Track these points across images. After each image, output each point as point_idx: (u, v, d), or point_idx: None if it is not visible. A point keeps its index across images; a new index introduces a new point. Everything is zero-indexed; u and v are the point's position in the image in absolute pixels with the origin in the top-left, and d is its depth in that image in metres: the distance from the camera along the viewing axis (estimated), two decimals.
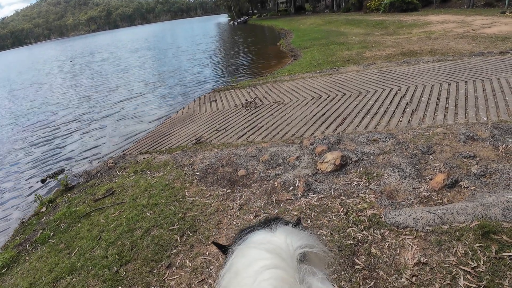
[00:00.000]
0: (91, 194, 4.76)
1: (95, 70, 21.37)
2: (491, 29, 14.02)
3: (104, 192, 4.71)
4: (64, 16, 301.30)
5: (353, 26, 22.74)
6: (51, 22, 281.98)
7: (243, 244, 0.91)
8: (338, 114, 5.71)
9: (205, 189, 4.02)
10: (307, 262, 0.82)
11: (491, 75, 6.69)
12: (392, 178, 3.55)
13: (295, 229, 0.95)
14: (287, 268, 0.77)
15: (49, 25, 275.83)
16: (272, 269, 0.76)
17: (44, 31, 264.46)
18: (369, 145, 4.29)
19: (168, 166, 4.92)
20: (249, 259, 0.83)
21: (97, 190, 4.89)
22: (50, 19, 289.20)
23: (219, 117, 6.79)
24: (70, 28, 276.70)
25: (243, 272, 0.81)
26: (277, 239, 0.86)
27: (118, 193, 4.56)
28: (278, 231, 0.91)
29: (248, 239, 0.92)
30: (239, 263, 0.85)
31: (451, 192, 3.20)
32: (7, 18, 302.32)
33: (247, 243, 0.90)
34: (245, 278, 0.79)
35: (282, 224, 0.95)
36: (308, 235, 0.90)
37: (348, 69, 9.21)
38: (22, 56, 68.33)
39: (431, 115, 5.15)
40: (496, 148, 3.81)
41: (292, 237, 0.86)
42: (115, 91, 13.72)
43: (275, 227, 0.93)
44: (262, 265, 0.77)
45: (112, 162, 5.83)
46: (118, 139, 7.73)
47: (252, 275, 0.77)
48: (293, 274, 0.76)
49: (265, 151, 4.57)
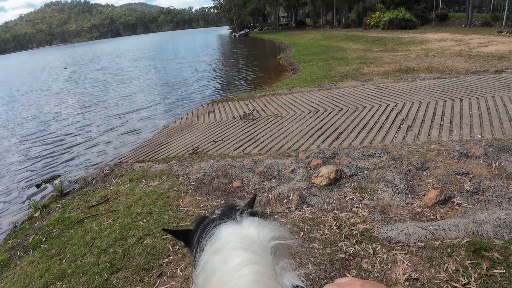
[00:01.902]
0: (86, 201, 4.75)
1: (93, 79, 21.45)
2: (488, 48, 14.27)
3: (99, 199, 4.70)
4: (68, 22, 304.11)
5: (352, 42, 23.05)
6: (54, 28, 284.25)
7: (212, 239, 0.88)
8: (334, 129, 5.76)
9: (200, 200, 4.03)
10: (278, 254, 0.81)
11: (486, 93, 6.80)
12: (385, 193, 3.57)
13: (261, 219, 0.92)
14: (264, 262, 0.76)
15: (52, 31, 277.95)
16: (249, 265, 0.75)
17: (46, 37, 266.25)
18: (364, 160, 4.32)
19: (164, 175, 4.93)
20: (224, 256, 0.81)
21: (91, 197, 4.88)
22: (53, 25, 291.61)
23: (217, 128, 6.82)
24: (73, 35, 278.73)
25: (220, 270, 0.79)
26: (247, 233, 0.84)
27: (113, 201, 4.55)
28: (245, 222, 0.89)
29: (215, 234, 0.88)
30: (213, 260, 0.83)
31: (443, 208, 3.23)
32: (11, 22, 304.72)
33: (217, 238, 0.87)
34: (223, 276, 0.77)
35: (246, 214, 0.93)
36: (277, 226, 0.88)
37: (346, 84, 9.31)
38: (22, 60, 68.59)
39: (426, 132, 5.20)
40: (489, 165, 3.86)
41: (262, 229, 0.85)
42: (113, 99, 13.78)
43: (240, 218, 0.91)
44: (239, 262, 0.76)
45: (108, 170, 5.83)
46: (115, 147, 7.73)
47: (230, 272, 0.76)
48: (269, 269, 0.76)
49: (261, 163, 4.59)
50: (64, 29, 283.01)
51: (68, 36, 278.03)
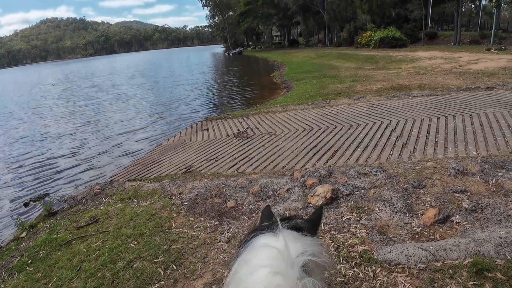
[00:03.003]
0: (74, 221, 4.59)
1: (85, 96, 21.35)
2: (478, 65, 14.52)
3: (88, 219, 4.55)
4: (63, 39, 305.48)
5: (344, 60, 23.37)
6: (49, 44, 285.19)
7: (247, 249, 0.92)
8: (329, 147, 5.72)
9: (193, 220, 3.91)
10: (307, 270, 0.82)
11: (478, 110, 6.84)
12: (383, 212, 3.50)
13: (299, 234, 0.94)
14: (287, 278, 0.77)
15: (46, 47, 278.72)
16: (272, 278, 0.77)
17: (41, 53, 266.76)
18: (360, 179, 4.26)
19: (156, 195, 4.81)
20: (251, 267, 0.84)
21: (80, 216, 4.73)
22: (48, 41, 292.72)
23: (210, 146, 6.75)
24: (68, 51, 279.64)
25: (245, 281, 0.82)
26: (279, 247, 0.85)
27: (102, 221, 4.40)
28: (281, 235, 0.90)
29: (252, 243, 0.92)
30: (242, 271, 0.86)
31: (443, 228, 3.16)
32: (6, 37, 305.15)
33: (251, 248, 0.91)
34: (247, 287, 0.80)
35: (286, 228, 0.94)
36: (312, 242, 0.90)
37: (339, 102, 9.35)
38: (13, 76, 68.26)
39: (421, 149, 5.18)
40: (486, 182, 3.82)
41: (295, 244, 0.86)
42: (105, 116, 13.67)
43: (279, 230, 0.92)
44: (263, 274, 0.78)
45: (98, 188, 5.69)
46: (107, 165, 7.60)
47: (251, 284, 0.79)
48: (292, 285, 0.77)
49: (255, 183, 4.51)
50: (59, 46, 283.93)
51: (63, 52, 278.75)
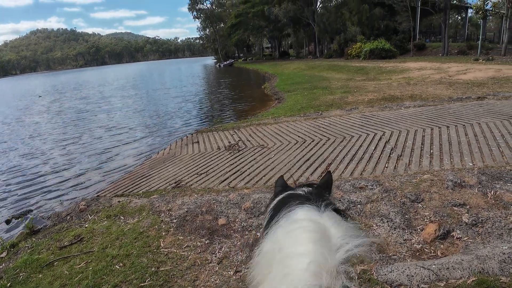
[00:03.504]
0: (57, 240, 4.36)
1: (74, 108, 21.05)
2: (467, 75, 14.68)
3: (72, 238, 4.32)
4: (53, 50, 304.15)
5: (335, 72, 23.51)
6: (38, 55, 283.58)
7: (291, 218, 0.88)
8: (323, 160, 5.59)
9: (182, 239, 3.72)
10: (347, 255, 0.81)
11: (471, 120, 6.82)
12: (381, 229, 3.36)
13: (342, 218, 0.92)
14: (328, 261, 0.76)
15: (36, 58, 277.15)
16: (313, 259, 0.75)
17: (31, 63, 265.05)
18: (356, 193, 4.13)
19: (144, 212, 4.61)
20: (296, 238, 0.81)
21: (64, 235, 4.50)
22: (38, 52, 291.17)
23: (201, 160, 6.57)
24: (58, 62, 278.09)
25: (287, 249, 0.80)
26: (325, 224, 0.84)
27: (87, 241, 4.19)
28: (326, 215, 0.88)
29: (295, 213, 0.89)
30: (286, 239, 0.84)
31: (444, 244, 3.05)
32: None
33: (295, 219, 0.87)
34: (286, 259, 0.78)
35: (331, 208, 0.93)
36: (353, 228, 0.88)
37: (331, 114, 9.28)
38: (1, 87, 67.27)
39: (417, 161, 5.09)
40: (485, 195, 3.73)
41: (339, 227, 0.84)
42: (94, 129, 13.40)
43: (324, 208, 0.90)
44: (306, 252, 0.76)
45: (84, 205, 5.46)
46: (94, 179, 7.36)
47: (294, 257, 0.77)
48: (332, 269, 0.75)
49: (248, 198, 4.34)
50: (49, 57, 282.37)
51: (53, 63, 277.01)
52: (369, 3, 36.37)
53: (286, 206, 0.95)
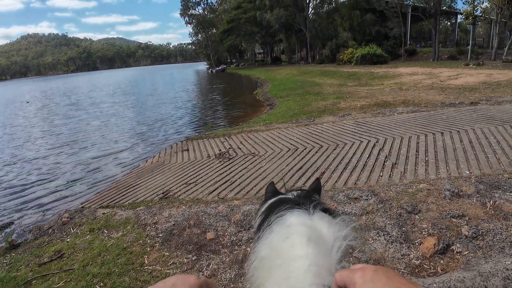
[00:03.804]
0: (37, 256, 4.12)
1: (62, 115, 20.68)
2: (458, 80, 14.72)
3: (52, 254, 4.09)
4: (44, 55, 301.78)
5: (327, 77, 23.49)
6: (29, 60, 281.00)
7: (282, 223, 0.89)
8: (315, 168, 5.42)
9: (168, 255, 3.51)
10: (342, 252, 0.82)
11: (465, 126, 6.73)
12: (377, 242, 3.19)
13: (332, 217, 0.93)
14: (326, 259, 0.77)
15: (27, 63, 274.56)
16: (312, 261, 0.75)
17: (21, 69, 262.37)
18: (350, 204, 3.96)
19: (129, 225, 4.38)
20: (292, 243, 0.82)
21: (45, 250, 4.26)
22: (29, 57, 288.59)
23: (190, 169, 6.35)
24: (48, 67, 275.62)
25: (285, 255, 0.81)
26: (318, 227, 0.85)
27: (68, 257, 3.95)
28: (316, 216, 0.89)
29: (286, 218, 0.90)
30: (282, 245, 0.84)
31: (443, 259, 2.89)
32: None
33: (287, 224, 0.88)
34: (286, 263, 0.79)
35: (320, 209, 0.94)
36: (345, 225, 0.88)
37: (324, 120, 9.14)
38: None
39: (412, 169, 4.94)
40: (483, 205, 3.59)
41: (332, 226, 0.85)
42: (82, 136, 13.09)
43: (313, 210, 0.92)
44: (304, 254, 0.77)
45: (67, 217, 5.22)
46: (80, 189, 7.09)
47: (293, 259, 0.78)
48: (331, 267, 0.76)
49: (238, 210, 4.14)
50: (40, 62, 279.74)
51: (44, 68, 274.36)
52: (360, 9, 36.67)
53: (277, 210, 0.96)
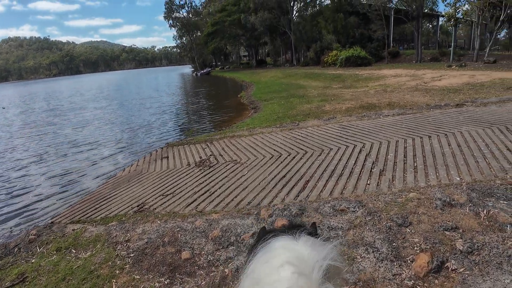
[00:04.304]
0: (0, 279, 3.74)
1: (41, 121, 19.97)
2: (441, 81, 14.75)
3: (15, 277, 3.72)
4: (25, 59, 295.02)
5: (312, 80, 23.40)
6: (10, 64, 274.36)
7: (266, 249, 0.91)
8: (300, 176, 5.15)
9: (138, 279, 3.18)
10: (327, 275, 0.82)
11: (453, 129, 6.58)
12: (366, 261, 2.94)
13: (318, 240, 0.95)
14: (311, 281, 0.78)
15: (8, 67, 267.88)
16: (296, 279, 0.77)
17: (2, 73, 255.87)
18: (337, 217, 3.70)
19: (99, 243, 4.03)
20: (271, 267, 0.84)
21: (8, 273, 3.88)
22: (10, 61, 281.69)
23: (168, 178, 6.01)
24: (30, 71, 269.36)
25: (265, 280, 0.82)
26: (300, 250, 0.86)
27: (31, 281, 3.59)
28: (302, 240, 0.91)
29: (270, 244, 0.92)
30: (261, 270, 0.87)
31: (438, 279, 2.65)
32: None
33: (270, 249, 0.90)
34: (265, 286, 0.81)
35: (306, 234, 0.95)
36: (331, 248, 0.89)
37: (308, 124, 8.91)
38: None
39: (401, 176, 4.73)
40: (477, 215, 3.38)
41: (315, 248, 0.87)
42: (59, 143, 12.54)
43: (299, 235, 0.94)
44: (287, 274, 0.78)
45: (34, 234, 4.81)
46: (52, 202, 6.66)
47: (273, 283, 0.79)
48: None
49: (216, 225, 3.84)
50: (21, 66, 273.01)
51: (25, 72, 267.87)
52: (344, 12, 36.87)
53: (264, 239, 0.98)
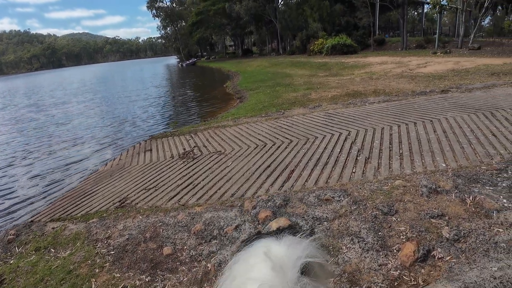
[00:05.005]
0: None
1: (20, 118, 19.44)
2: (427, 68, 14.81)
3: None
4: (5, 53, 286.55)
5: (298, 68, 23.28)
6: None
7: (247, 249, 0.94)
8: (284, 166, 5.07)
9: (119, 277, 3.07)
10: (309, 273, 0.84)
11: (438, 115, 6.58)
12: (352, 251, 2.89)
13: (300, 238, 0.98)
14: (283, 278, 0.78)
15: None
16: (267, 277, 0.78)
17: None
18: (321, 207, 3.64)
19: (79, 241, 3.90)
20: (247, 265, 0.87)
21: None
22: None
23: (151, 172, 5.87)
24: (11, 66, 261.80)
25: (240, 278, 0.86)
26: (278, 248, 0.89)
27: (8, 283, 3.45)
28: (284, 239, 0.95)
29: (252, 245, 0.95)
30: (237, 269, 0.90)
31: (424, 268, 2.61)
32: None
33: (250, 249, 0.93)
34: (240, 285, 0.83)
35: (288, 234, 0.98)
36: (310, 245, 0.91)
37: (294, 112, 8.83)
38: None
39: (386, 164, 4.69)
40: (463, 201, 3.36)
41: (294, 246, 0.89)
42: (41, 140, 12.20)
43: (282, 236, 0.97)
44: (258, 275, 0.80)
45: (13, 234, 4.64)
46: (33, 200, 6.46)
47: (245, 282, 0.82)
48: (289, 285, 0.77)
49: (199, 219, 3.74)
50: (1, 60, 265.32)
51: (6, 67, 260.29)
52: (329, 0, 36.61)
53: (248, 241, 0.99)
